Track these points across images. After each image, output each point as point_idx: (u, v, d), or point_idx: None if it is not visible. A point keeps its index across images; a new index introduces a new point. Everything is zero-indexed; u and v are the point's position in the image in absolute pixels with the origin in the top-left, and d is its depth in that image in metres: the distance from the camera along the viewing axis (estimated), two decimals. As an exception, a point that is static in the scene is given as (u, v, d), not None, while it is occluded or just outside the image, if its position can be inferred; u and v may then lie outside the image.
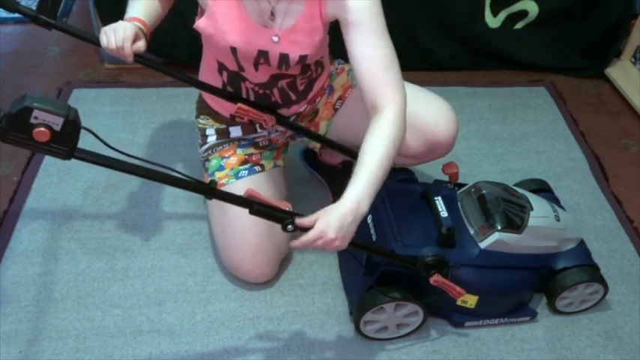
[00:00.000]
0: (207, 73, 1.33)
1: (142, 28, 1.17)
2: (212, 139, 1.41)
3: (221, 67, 1.27)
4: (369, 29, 1.11)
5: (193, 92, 1.45)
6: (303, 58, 1.19)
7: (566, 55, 2.22)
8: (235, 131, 1.40)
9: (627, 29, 2.16)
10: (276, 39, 1.15)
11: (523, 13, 2.10)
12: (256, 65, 1.21)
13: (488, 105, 2.07)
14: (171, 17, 1.31)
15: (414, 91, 1.35)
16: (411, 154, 1.35)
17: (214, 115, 1.40)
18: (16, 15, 1.07)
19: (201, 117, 1.43)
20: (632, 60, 2.21)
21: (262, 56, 1.18)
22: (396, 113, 1.12)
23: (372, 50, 1.11)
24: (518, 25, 2.14)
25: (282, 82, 1.27)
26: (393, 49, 1.14)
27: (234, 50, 1.17)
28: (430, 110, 1.30)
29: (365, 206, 1.03)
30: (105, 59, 2.08)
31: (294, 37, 1.15)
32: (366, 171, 1.05)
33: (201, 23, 1.15)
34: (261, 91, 1.29)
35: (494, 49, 2.18)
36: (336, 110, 1.41)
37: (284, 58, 1.18)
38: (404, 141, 1.21)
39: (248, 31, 1.14)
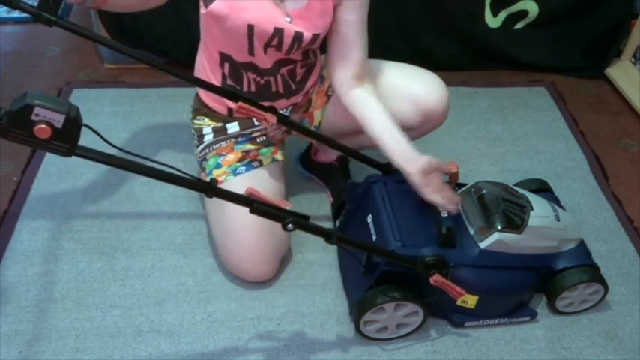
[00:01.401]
0: (206, 68, 1.33)
1: None
2: (209, 137, 1.41)
3: (223, 59, 1.27)
4: (362, 13, 1.23)
5: (193, 92, 1.45)
6: (315, 37, 1.22)
7: (566, 55, 2.22)
8: (232, 127, 1.40)
9: (627, 29, 2.16)
10: (288, 19, 1.18)
11: (523, 13, 2.10)
12: (266, 48, 1.23)
13: (488, 105, 2.07)
14: (172, 17, 1.31)
15: (402, 68, 1.43)
16: (409, 126, 1.37)
17: (211, 114, 1.40)
18: (17, 15, 1.07)
19: (197, 118, 1.43)
20: (632, 60, 2.21)
21: (277, 35, 1.19)
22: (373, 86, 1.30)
23: (362, 31, 1.25)
24: (518, 25, 2.14)
25: (284, 70, 1.29)
26: None
27: (250, 29, 1.17)
28: (420, 81, 1.38)
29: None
30: (105, 59, 2.08)
31: (308, 17, 1.19)
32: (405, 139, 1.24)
33: (216, 5, 1.16)
34: (262, 81, 1.30)
35: (494, 49, 2.18)
36: (329, 97, 1.43)
37: (298, 38, 1.20)
38: (399, 113, 1.34)
39: (264, 7, 1.17)
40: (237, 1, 1.16)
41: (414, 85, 1.37)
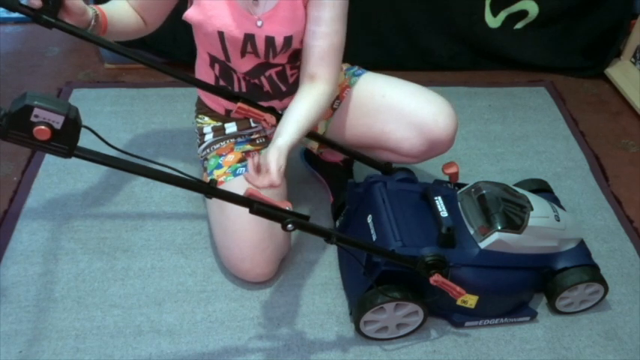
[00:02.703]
0: (201, 69, 1.35)
1: (97, 11, 1.15)
2: (209, 137, 1.41)
3: (212, 61, 1.28)
4: (332, 11, 1.19)
5: (193, 92, 1.45)
6: (288, 40, 1.21)
7: (566, 55, 2.22)
8: (230, 127, 1.41)
9: (627, 29, 2.16)
10: (259, 23, 1.18)
11: (523, 13, 2.10)
12: (243, 53, 1.23)
13: (488, 105, 2.07)
14: (172, 18, 1.31)
15: (411, 89, 1.37)
16: (412, 154, 1.37)
17: (210, 114, 1.41)
18: (16, 15, 1.07)
19: (199, 117, 1.44)
20: (632, 60, 2.21)
21: (249, 41, 1.19)
22: (330, 91, 1.24)
23: (329, 30, 1.20)
24: (518, 25, 2.14)
25: (271, 71, 1.29)
26: (345, 38, 1.24)
27: (221, 36, 1.19)
28: (427, 108, 1.33)
29: (288, 155, 1.14)
30: (105, 59, 2.08)
31: (277, 18, 1.19)
32: (296, 128, 1.17)
33: (190, 12, 1.18)
34: (251, 81, 1.30)
35: (494, 49, 2.18)
36: (334, 110, 1.41)
37: (270, 42, 1.20)
38: (404, 140, 1.30)
39: (234, 14, 1.17)
40: (207, 9, 1.16)
41: (421, 113, 1.32)
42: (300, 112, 1.19)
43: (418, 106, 1.33)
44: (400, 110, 1.34)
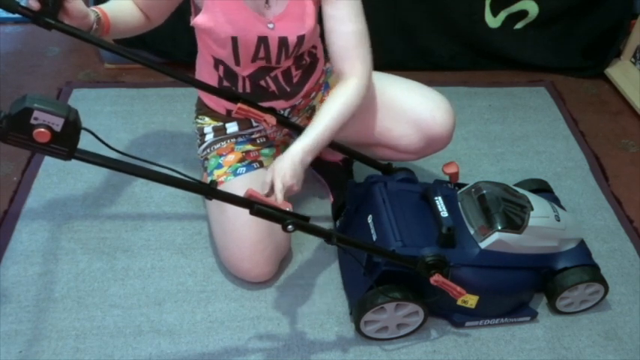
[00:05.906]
0: (204, 70, 1.34)
1: (99, 13, 1.14)
2: (210, 137, 1.41)
3: (217, 63, 1.28)
4: (348, 7, 1.19)
5: (193, 92, 1.45)
6: (300, 39, 1.21)
7: (566, 55, 2.22)
8: (232, 127, 1.41)
9: (627, 29, 2.16)
10: (271, 26, 1.18)
11: (523, 13, 2.10)
12: (254, 58, 1.23)
13: (489, 105, 2.07)
14: (172, 17, 1.31)
15: (409, 85, 1.39)
16: (410, 150, 1.37)
17: (211, 114, 1.41)
18: (17, 15, 1.07)
19: (199, 117, 1.44)
20: (632, 60, 2.21)
21: (262, 43, 1.19)
22: (359, 83, 1.23)
23: (347, 25, 1.20)
24: (518, 25, 2.14)
25: (277, 72, 1.29)
26: (366, 26, 1.23)
27: (234, 40, 1.18)
28: (425, 104, 1.33)
29: (308, 158, 1.17)
30: (105, 59, 2.08)
31: (289, 18, 1.19)
32: (316, 129, 1.18)
33: (199, 19, 1.17)
34: (256, 82, 1.30)
35: (495, 49, 2.18)
36: None
37: (283, 42, 1.20)
38: (403, 137, 1.31)
39: (247, 18, 1.17)
40: (219, 14, 1.16)
41: (419, 109, 1.33)
42: (325, 120, 1.19)
43: (416, 103, 1.34)
44: (398, 107, 1.34)
